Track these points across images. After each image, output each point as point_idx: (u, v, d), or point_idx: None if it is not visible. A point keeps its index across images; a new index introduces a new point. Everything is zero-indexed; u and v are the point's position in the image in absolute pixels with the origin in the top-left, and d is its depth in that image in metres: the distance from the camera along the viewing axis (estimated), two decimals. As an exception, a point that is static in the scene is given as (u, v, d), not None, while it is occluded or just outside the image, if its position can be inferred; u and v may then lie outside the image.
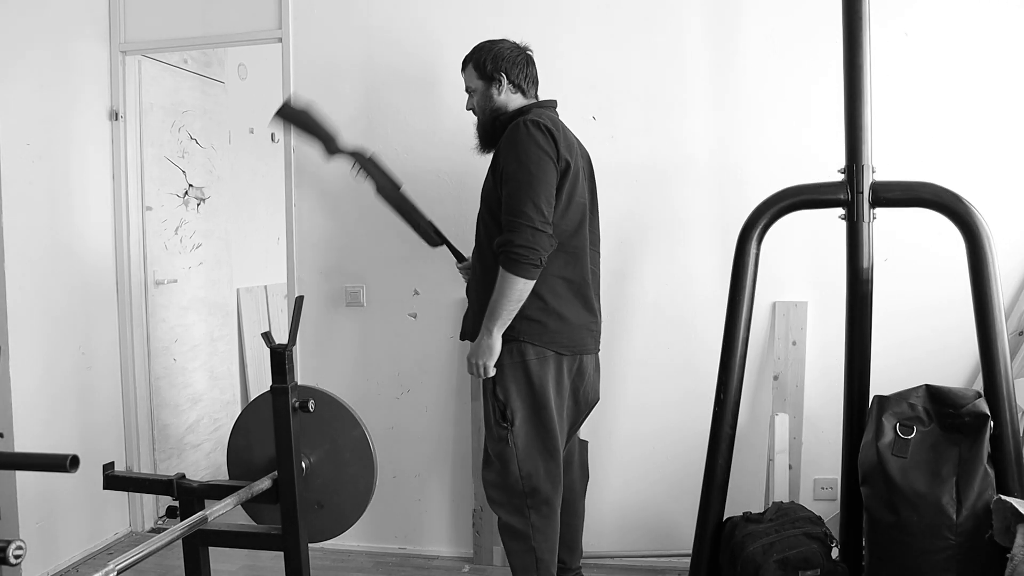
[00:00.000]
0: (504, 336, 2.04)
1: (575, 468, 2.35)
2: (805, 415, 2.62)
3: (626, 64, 2.66)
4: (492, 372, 2.05)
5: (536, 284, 2.00)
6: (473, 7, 2.72)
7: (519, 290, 1.96)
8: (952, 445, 1.78)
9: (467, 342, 2.47)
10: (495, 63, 2.14)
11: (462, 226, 2.65)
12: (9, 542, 1.24)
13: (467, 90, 2.23)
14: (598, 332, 2.22)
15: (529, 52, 2.22)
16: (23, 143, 2.59)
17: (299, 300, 1.95)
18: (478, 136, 2.25)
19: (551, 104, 2.21)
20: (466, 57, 2.21)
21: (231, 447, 2.13)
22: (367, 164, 2.52)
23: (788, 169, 2.48)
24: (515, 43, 2.20)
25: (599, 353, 2.26)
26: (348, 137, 2.82)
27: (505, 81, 2.14)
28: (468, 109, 2.26)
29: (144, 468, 3.09)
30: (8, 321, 2.51)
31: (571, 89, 2.64)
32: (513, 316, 2.00)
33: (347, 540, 2.80)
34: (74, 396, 2.81)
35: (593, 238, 2.20)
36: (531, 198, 1.93)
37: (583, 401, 2.23)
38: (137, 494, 3.04)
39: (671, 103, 2.64)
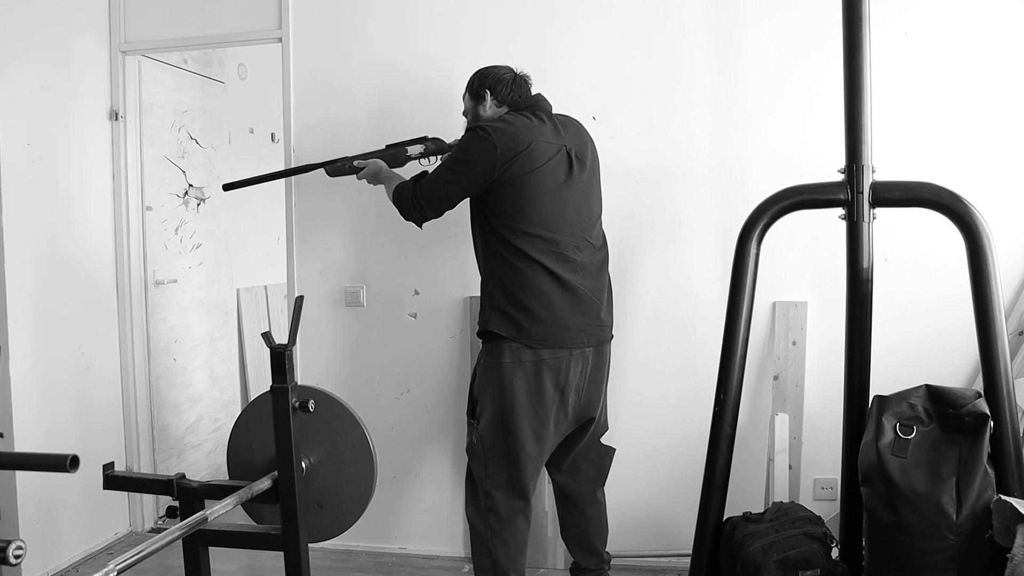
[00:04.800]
0: (485, 334, 2.17)
1: (585, 471, 2.33)
2: (805, 415, 2.62)
3: (626, 64, 2.66)
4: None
5: (505, 277, 2.12)
6: (474, 4, 2.72)
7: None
8: (952, 445, 1.78)
9: (469, 342, 2.47)
10: (482, 81, 2.27)
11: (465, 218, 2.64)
12: (9, 542, 1.24)
13: (463, 113, 2.36)
14: (590, 326, 2.16)
15: (526, 77, 2.29)
16: (23, 143, 2.59)
17: (299, 300, 1.95)
18: None
19: (533, 102, 2.24)
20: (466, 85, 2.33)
21: (231, 447, 2.13)
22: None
23: (788, 169, 2.47)
24: (511, 68, 2.29)
25: (598, 355, 2.21)
26: (348, 136, 2.83)
27: (489, 97, 2.26)
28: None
29: (144, 468, 3.09)
30: (8, 321, 2.51)
31: (571, 89, 2.64)
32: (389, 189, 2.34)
33: (347, 540, 2.80)
34: (74, 396, 2.80)
35: (584, 226, 2.18)
36: (429, 193, 2.18)
37: (572, 412, 2.18)
38: (137, 494, 3.04)
39: (671, 103, 2.64)
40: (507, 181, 2.08)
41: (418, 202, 2.21)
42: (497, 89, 2.25)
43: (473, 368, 2.26)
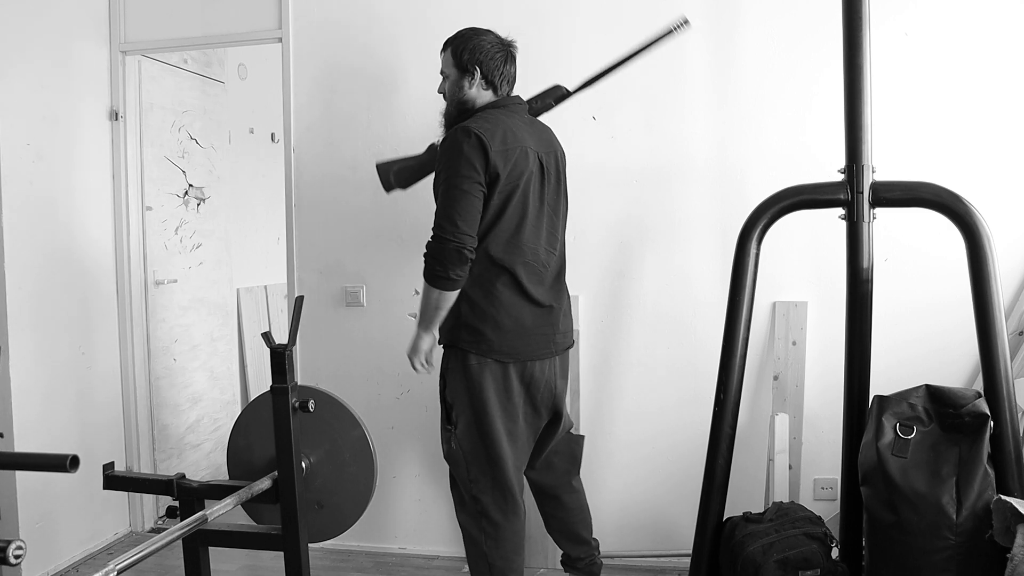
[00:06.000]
0: (449, 342, 2.11)
1: (558, 464, 2.32)
2: (805, 415, 2.62)
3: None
4: (421, 369, 2.14)
5: (474, 291, 2.03)
6: (474, 6, 2.72)
7: (435, 299, 2.01)
8: (952, 445, 1.78)
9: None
10: (472, 55, 2.10)
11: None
12: (9, 542, 1.24)
13: (441, 73, 2.19)
14: (556, 335, 2.16)
15: (513, 49, 2.16)
16: (23, 143, 2.59)
17: (299, 300, 1.95)
18: (443, 123, 2.21)
19: (509, 103, 2.14)
20: (448, 40, 2.18)
21: (231, 447, 2.13)
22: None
23: (788, 169, 2.47)
24: (500, 38, 2.15)
25: (563, 357, 2.22)
26: (349, 136, 2.83)
27: (478, 75, 2.10)
28: (439, 92, 2.23)
29: (144, 468, 3.09)
30: (8, 321, 2.51)
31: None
32: (440, 318, 2.05)
33: (347, 540, 2.80)
34: (74, 396, 2.80)
35: (550, 239, 2.14)
36: (451, 213, 1.96)
37: (542, 407, 2.17)
38: (137, 494, 3.04)
39: (671, 103, 2.64)
40: (491, 184, 1.99)
41: (443, 238, 1.94)
42: (489, 68, 2.10)
43: (441, 372, 2.17)
